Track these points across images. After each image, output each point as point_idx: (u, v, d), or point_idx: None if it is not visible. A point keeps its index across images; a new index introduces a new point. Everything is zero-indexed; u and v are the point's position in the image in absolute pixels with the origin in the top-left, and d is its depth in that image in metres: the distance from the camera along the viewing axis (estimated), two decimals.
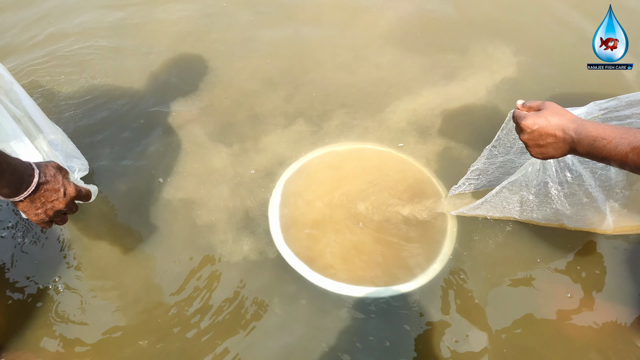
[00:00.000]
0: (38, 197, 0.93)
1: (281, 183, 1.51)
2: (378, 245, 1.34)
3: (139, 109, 1.76)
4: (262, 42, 2.06)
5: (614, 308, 1.21)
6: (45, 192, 0.94)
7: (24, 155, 1.10)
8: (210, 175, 1.54)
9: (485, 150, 1.27)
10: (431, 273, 1.29)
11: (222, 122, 1.71)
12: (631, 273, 1.27)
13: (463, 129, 1.68)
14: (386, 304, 1.24)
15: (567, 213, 1.27)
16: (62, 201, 0.97)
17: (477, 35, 2.09)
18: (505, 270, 1.29)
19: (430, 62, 1.96)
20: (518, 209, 1.31)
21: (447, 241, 1.36)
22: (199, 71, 1.93)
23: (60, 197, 0.96)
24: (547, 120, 0.95)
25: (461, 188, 1.39)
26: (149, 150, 1.62)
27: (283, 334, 1.18)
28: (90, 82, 1.87)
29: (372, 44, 2.06)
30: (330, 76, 1.90)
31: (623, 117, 1.11)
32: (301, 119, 1.72)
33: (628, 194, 1.29)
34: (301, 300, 1.25)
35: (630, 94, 1.11)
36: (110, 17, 2.20)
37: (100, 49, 2.03)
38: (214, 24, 2.16)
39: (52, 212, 0.96)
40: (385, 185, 1.48)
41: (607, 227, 1.31)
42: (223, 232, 1.39)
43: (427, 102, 1.79)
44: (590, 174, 1.21)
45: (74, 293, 1.26)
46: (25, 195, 0.91)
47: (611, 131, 0.87)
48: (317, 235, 1.37)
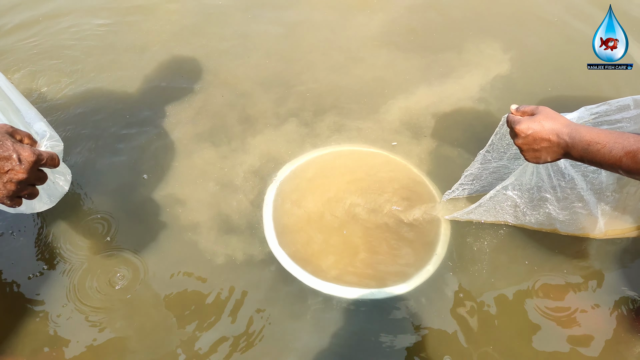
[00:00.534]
0: None
1: (274, 184, 1.50)
2: (371, 247, 1.34)
3: (129, 106, 1.75)
4: (255, 43, 2.06)
5: (607, 310, 1.22)
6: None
7: None
8: (199, 175, 1.53)
9: (479, 155, 1.28)
10: (424, 275, 1.29)
11: (214, 122, 1.71)
12: (624, 275, 1.29)
13: (456, 128, 1.69)
14: (378, 305, 1.24)
15: (559, 217, 1.28)
16: (20, 169, 0.81)
17: (468, 34, 2.12)
18: (498, 273, 1.30)
19: (423, 62, 1.98)
20: (511, 213, 1.33)
21: (441, 244, 1.36)
22: (191, 70, 1.92)
23: (15, 166, 0.81)
24: (541, 125, 0.96)
25: (455, 193, 1.39)
26: (136, 147, 1.61)
27: (273, 336, 1.17)
28: (82, 77, 1.87)
29: (365, 45, 2.07)
30: (324, 77, 1.91)
31: (613, 121, 1.13)
32: (294, 120, 1.72)
33: (619, 197, 1.31)
34: (293, 301, 1.24)
35: (620, 99, 1.13)
36: (105, 13, 2.19)
37: (94, 46, 2.02)
38: (209, 23, 2.16)
39: (13, 185, 0.82)
40: (378, 188, 1.49)
41: (599, 232, 1.33)
42: (212, 233, 1.38)
43: (420, 101, 1.80)
44: (582, 177, 1.22)
45: (62, 288, 1.24)
46: None
47: (605, 135, 0.88)
48: (309, 236, 1.36)
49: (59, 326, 1.19)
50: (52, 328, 1.18)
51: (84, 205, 1.43)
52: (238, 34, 2.12)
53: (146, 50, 2.01)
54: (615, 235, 1.36)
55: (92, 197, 1.46)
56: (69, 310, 1.21)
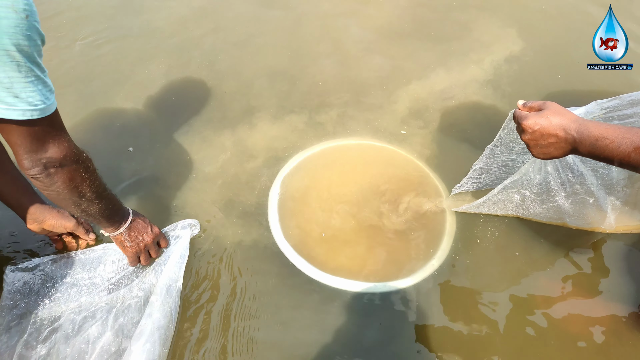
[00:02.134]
0: (132, 229, 1.17)
1: (280, 177, 1.51)
2: (377, 241, 1.35)
3: (131, 93, 1.78)
4: (262, 36, 2.06)
5: (612, 305, 1.21)
6: (138, 226, 1.18)
7: None
8: (205, 165, 1.55)
9: (487, 149, 1.27)
10: (429, 269, 1.29)
11: (218, 111, 1.72)
12: (629, 271, 1.27)
13: (465, 119, 1.69)
14: (383, 299, 1.24)
15: (569, 212, 1.27)
16: (151, 235, 1.19)
17: (478, 21, 2.09)
18: (504, 267, 1.30)
19: (430, 52, 1.97)
20: (520, 206, 1.32)
21: (446, 238, 1.36)
22: (197, 62, 1.94)
23: (149, 232, 1.19)
24: (549, 120, 0.95)
25: (464, 187, 1.39)
26: (139, 139, 1.63)
27: (275, 327, 1.19)
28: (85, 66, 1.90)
29: (372, 36, 2.05)
30: (331, 68, 1.90)
31: (625, 116, 1.11)
32: (299, 112, 1.73)
33: (630, 192, 1.29)
34: (297, 292, 1.25)
35: (632, 93, 1.11)
36: (112, 2, 2.22)
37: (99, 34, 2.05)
38: (215, 13, 2.16)
39: (143, 245, 1.19)
40: (385, 181, 1.49)
41: (609, 227, 1.31)
42: (217, 222, 1.40)
43: (428, 91, 1.80)
44: (591, 173, 1.21)
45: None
46: (124, 227, 1.15)
47: (613, 131, 0.87)
48: (314, 229, 1.37)
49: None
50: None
51: None
52: (245, 24, 2.12)
53: (150, 39, 2.03)
54: (625, 231, 1.34)
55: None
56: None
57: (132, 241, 1.16)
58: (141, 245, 1.18)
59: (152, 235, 1.20)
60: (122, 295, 1.19)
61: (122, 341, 1.10)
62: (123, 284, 1.22)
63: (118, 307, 1.17)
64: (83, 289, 1.21)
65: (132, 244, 1.17)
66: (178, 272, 1.19)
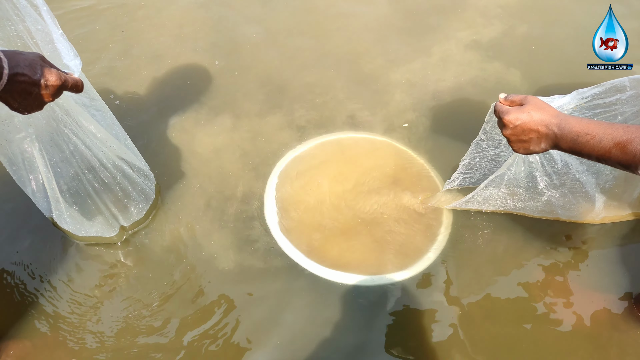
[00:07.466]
0: (15, 90, 0.85)
1: (277, 170, 1.52)
2: (372, 234, 1.36)
3: (135, 82, 1.79)
4: (255, 34, 2.04)
5: (606, 297, 1.22)
6: (22, 84, 0.85)
7: None
8: (200, 157, 1.56)
9: (473, 144, 1.26)
10: (425, 262, 1.30)
11: (218, 104, 1.73)
12: (622, 263, 1.28)
13: (462, 114, 1.68)
14: (379, 292, 1.26)
15: (559, 204, 1.27)
16: (46, 93, 0.89)
17: (469, 12, 2.06)
18: (498, 261, 1.31)
19: (424, 44, 1.95)
20: (510, 202, 1.32)
21: (442, 232, 1.37)
22: (202, 49, 1.94)
23: (41, 90, 0.88)
24: (530, 116, 0.94)
25: (455, 182, 1.38)
26: (139, 130, 1.62)
27: (274, 321, 1.21)
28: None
29: (369, 31, 2.03)
30: (327, 65, 1.90)
31: (608, 103, 1.10)
32: (294, 108, 1.72)
33: (617, 175, 1.29)
34: (295, 286, 1.27)
35: (614, 80, 1.10)
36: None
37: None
38: (222, 8, 2.15)
39: (38, 104, 0.91)
40: (380, 176, 1.49)
41: (599, 214, 1.31)
42: (215, 215, 1.41)
43: (423, 84, 1.79)
44: (576, 160, 1.21)
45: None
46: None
47: (594, 126, 0.86)
48: (311, 223, 1.38)
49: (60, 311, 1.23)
50: (53, 312, 1.23)
51: None
52: (248, 20, 2.10)
53: (159, 35, 2.02)
54: (615, 220, 1.35)
55: None
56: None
57: (19, 102, 0.88)
58: (35, 106, 0.91)
59: (48, 92, 0.90)
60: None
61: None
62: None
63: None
64: None
65: (19, 105, 0.89)
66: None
